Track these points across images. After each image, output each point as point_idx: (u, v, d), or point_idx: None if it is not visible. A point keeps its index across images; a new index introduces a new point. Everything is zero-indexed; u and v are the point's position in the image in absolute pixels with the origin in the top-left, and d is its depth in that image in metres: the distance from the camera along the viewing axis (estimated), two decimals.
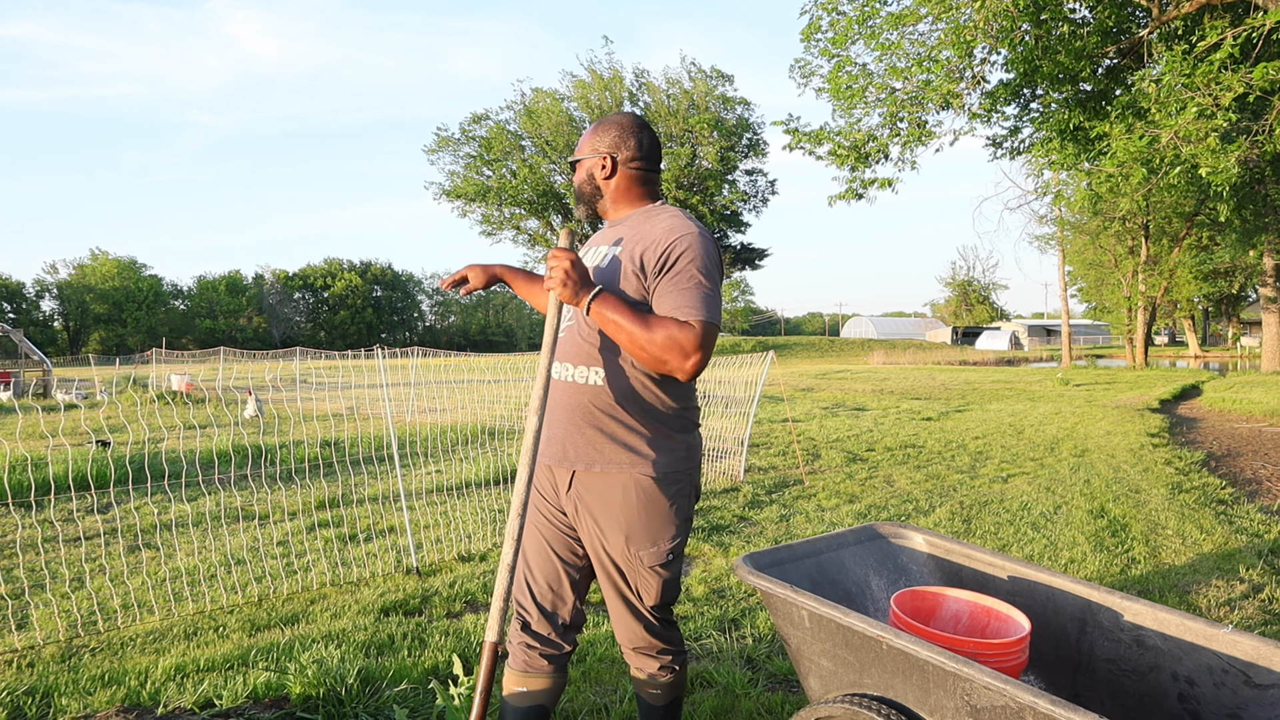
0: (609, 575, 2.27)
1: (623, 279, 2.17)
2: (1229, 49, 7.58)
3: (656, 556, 2.22)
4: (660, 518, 2.21)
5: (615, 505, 2.19)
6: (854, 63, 10.69)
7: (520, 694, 2.33)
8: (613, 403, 2.19)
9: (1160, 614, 2.14)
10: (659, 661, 2.36)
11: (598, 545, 2.25)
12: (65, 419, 13.05)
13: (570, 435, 2.23)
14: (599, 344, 2.20)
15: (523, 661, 2.32)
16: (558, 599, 2.32)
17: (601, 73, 45.53)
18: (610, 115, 2.39)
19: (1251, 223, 23.90)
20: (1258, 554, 5.10)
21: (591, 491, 2.22)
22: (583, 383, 2.21)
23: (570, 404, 2.24)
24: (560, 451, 2.26)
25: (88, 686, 3.28)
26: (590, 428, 2.20)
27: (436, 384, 12.65)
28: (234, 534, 5.82)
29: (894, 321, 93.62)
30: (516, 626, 2.36)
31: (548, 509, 2.34)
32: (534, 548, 2.34)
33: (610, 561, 2.24)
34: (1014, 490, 7.26)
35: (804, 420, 13.13)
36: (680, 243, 2.11)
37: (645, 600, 2.28)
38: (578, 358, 2.23)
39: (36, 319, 73.01)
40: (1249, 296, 52.88)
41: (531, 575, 2.34)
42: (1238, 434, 11.56)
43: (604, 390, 2.19)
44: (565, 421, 2.25)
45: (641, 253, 2.15)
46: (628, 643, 2.37)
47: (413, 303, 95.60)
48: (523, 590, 2.34)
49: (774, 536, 5.72)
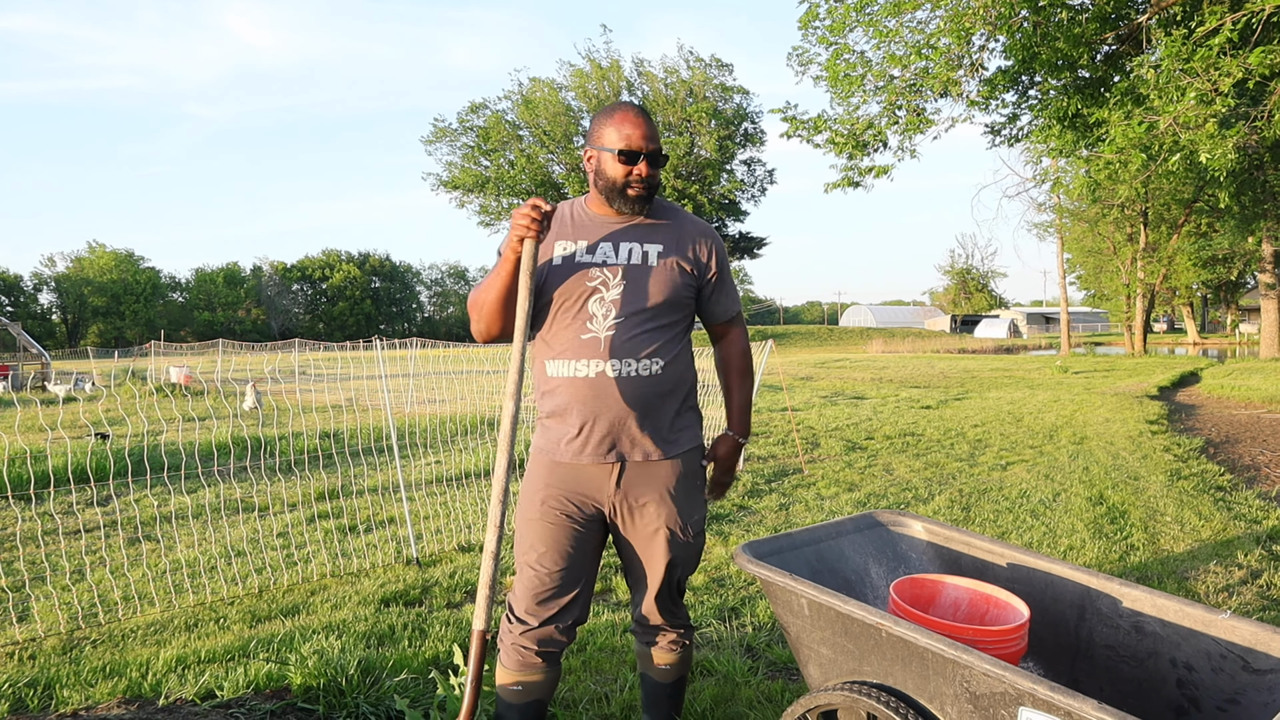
0: (658, 551, 2.34)
1: (671, 276, 2.29)
2: (1228, 34, 7.55)
3: (699, 523, 2.42)
4: (700, 486, 2.43)
5: (669, 483, 2.32)
6: (852, 50, 10.64)
7: (515, 690, 2.33)
8: (670, 389, 2.31)
9: (1159, 600, 2.15)
10: (673, 634, 2.48)
11: (653, 525, 2.31)
12: (64, 412, 13.05)
13: (629, 430, 2.26)
14: (662, 335, 2.28)
15: (517, 661, 2.32)
16: (575, 599, 2.32)
17: (600, 62, 45.39)
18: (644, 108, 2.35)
19: (1250, 209, 23.86)
20: (1256, 540, 5.11)
21: (648, 477, 2.30)
22: (645, 375, 2.25)
23: (633, 396, 2.24)
24: (617, 447, 2.26)
25: (89, 678, 3.28)
26: (652, 416, 2.28)
27: (435, 375, 12.64)
28: (234, 526, 5.83)
29: (893, 310, 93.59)
30: (516, 628, 2.31)
31: (568, 506, 2.29)
32: (553, 549, 2.28)
33: (663, 537, 2.32)
34: (1013, 478, 7.27)
35: (803, 409, 13.14)
36: (720, 246, 2.40)
37: (685, 569, 2.43)
38: (639, 351, 2.24)
39: (34, 312, 72.86)
40: (1247, 283, 52.82)
41: (547, 577, 2.28)
42: (1236, 421, 11.57)
43: (662, 379, 2.29)
44: (625, 415, 2.25)
45: (692, 252, 2.34)
46: (650, 617, 2.43)
47: (411, 294, 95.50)
48: (533, 592, 2.28)
49: (773, 525, 5.73)
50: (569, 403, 2.25)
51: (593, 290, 2.25)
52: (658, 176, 2.27)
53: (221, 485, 6.96)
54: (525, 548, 2.31)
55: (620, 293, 2.24)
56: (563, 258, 2.28)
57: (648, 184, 2.24)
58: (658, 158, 2.23)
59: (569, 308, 2.26)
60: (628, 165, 2.21)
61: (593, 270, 2.26)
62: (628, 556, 2.40)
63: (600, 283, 2.25)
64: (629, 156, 2.20)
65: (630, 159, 2.21)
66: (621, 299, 2.24)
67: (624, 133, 2.20)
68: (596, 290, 2.25)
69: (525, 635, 2.29)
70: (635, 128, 2.21)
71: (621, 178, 2.23)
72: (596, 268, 2.26)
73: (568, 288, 2.26)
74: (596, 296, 2.24)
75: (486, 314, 2.28)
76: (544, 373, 2.32)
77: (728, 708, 2.98)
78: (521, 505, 2.36)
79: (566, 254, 2.28)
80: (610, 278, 2.25)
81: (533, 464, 2.37)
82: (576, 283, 2.25)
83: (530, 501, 2.32)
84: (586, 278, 2.25)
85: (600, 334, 2.23)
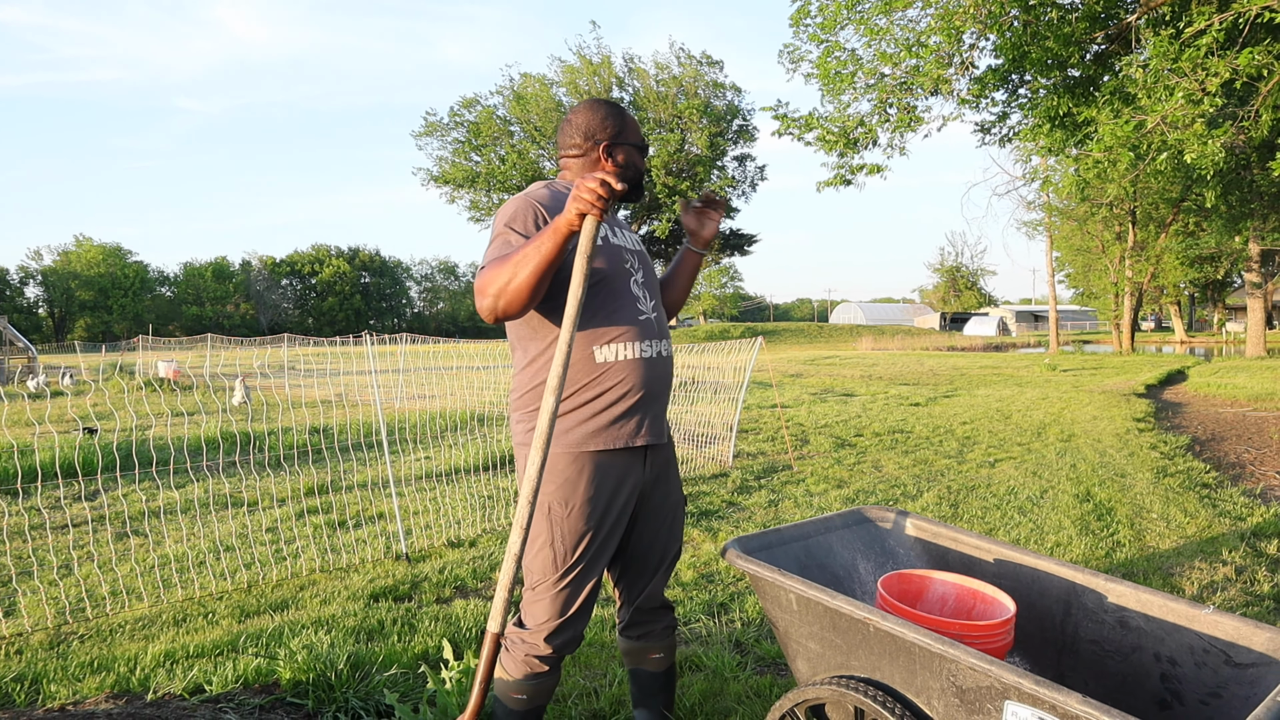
0: (673, 530, 2.42)
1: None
2: (1215, 34, 7.59)
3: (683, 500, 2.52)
4: None
5: (674, 461, 2.45)
6: (843, 48, 10.66)
7: (520, 699, 2.27)
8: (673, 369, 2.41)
9: (1143, 595, 2.17)
10: (665, 620, 2.52)
11: (667, 504, 2.39)
12: (52, 406, 12.97)
13: (664, 409, 2.34)
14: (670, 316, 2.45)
15: (525, 670, 2.24)
16: (590, 608, 2.26)
17: (591, 58, 45.32)
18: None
19: (1237, 208, 24.01)
20: (1240, 537, 5.16)
21: (666, 456, 2.40)
22: (668, 356, 2.33)
23: (666, 378, 2.31)
24: (664, 426, 2.34)
25: (77, 673, 3.27)
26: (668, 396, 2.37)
27: (425, 370, 12.62)
28: (223, 521, 5.81)
29: (882, 307, 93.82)
30: (531, 639, 2.21)
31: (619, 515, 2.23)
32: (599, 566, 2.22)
33: (673, 515, 2.42)
34: (1001, 475, 7.31)
35: (792, 406, 13.17)
36: None
37: (680, 545, 2.51)
38: (663, 333, 2.32)
39: (21, 306, 72.42)
40: (1234, 282, 53.15)
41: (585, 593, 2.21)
42: (1222, 419, 11.66)
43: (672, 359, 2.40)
44: (663, 396, 2.31)
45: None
46: (649, 602, 2.46)
47: (401, 289, 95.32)
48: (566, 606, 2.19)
49: (762, 521, 5.75)
50: (634, 385, 2.18)
51: (629, 273, 2.27)
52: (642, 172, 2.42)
53: (210, 480, 6.94)
54: (570, 564, 2.17)
55: (643, 275, 2.33)
56: (602, 238, 2.23)
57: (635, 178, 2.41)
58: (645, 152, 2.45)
59: (617, 291, 2.20)
60: (645, 158, 2.42)
61: (624, 253, 2.28)
62: (644, 541, 2.36)
63: (630, 265, 2.29)
64: (645, 150, 2.42)
65: (646, 151, 2.42)
66: (646, 282, 2.32)
67: (632, 127, 2.39)
68: (630, 273, 2.27)
69: (541, 645, 2.21)
70: (632, 123, 2.41)
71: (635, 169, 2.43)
72: (626, 251, 2.29)
73: (613, 271, 2.21)
74: (633, 279, 2.27)
75: (515, 288, 1.99)
76: (590, 359, 2.15)
77: (716, 702, 2.99)
78: (573, 519, 2.16)
79: (603, 235, 2.24)
80: (634, 260, 2.31)
81: (573, 470, 2.16)
82: (617, 264, 2.23)
83: (584, 516, 2.16)
84: (622, 259, 2.25)
85: (650, 315, 2.28)
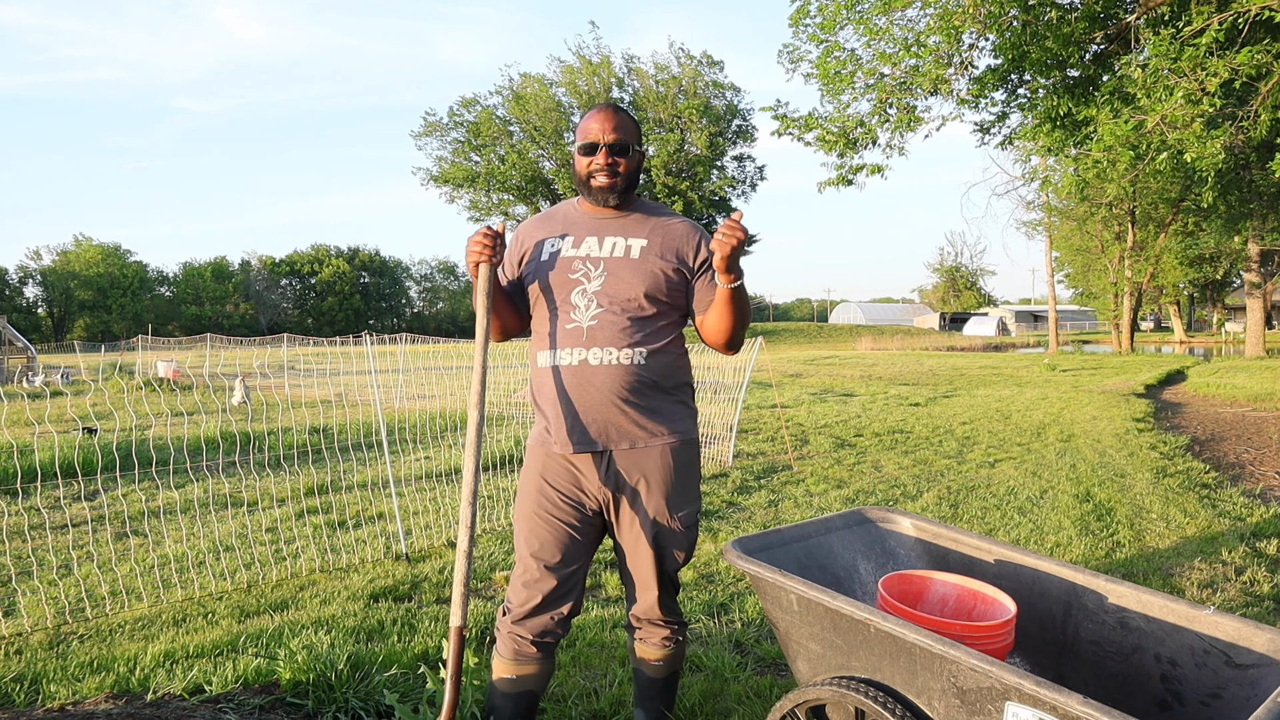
0: (646, 542, 2.37)
1: (654, 267, 2.33)
2: (1215, 34, 7.59)
3: (690, 516, 2.43)
4: (692, 478, 2.44)
5: (657, 473, 2.34)
6: (842, 48, 10.66)
7: (510, 680, 2.38)
8: (653, 379, 2.33)
9: (1144, 596, 2.17)
10: (666, 630, 2.50)
11: (640, 515, 2.35)
12: (51, 406, 12.96)
13: (613, 417, 2.30)
14: (645, 325, 2.32)
15: (513, 650, 2.36)
16: (568, 590, 2.36)
17: (590, 58, 45.30)
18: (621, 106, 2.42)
19: (1237, 208, 24.00)
20: (1240, 537, 5.16)
21: (634, 466, 2.33)
22: (627, 363, 2.29)
23: (612, 386, 2.28)
24: (601, 435, 2.30)
25: (76, 673, 3.27)
26: (633, 406, 2.31)
27: (425, 370, 12.61)
28: (222, 521, 5.81)
29: (882, 307, 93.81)
30: (511, 617, 2.37)
31: (564, 500, 2.35)
32: (551, 541, 2.33)
33: (651, 528, 2.36)
34: (1001, 475, 7.31)
35: (792, 406, 13.17)
36: (708, 239, 2.39)
37: (676, 560, 2.44)
38: (621, 340, 2.29)
39: (20, 306, 72.36)
40: (1234, 282, 53.17)
41: (546, 568, 2.33)
42: (1222, 419, 11.66)
43: (646, 367, 2.32)
44: (606, 404, 2.29)
45: (678, 248, 2.37)
46: (643, 612, 2.46)
47: (400, 289, 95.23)
48: (532, 583, 2.33)
49: (762, 522, 5.75)
50: (553, 391, 2.32)
51: (575, 282, 2.33)
52: (626, 166, 2.34)
53: (210, 480, 6.93)
54: (522, 539, 2.37)
55: (602, 284, 2.32)
56: (549, 253, 2.38)
57: (610, 172, 2.32)
58: (622, 148, 2.32)
59: (554, 300, 2.34)
60: (588, 157, 2.33)
61: (575, 263, 2.35)
62: (621, 551, 2.44)
63: (582, 275, 2.33)
64: (588, 149, 2.33)
65: (589, 150, 2.33)
66: (603, 289, 2.31)
67: (586, 128, 2.34)
68: (579, 282, 2.33)
69: (520, 624, 2.35)
70: (596, 122, 2.33)
71: (584, 170, 2.35)
72: (579, 260, 2.35)
73: (553, 281, 2.35)
74: (579, 289, 2.32)
75: (478, 322, 2.35)
76: (535, 364, 2.40)
77: (716, 703, 2.99)
78: (519, 498, 2.41)
79: (552, 250, 2.38)
80: (592, 269, 2.33)
81: (529, 457, 2.43)
82: (560, 276, 2.34)
83: (526, 494, 2.39)
84: (569, 270, 2.34)
85: (583, 323, 2.30)
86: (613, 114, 2.33)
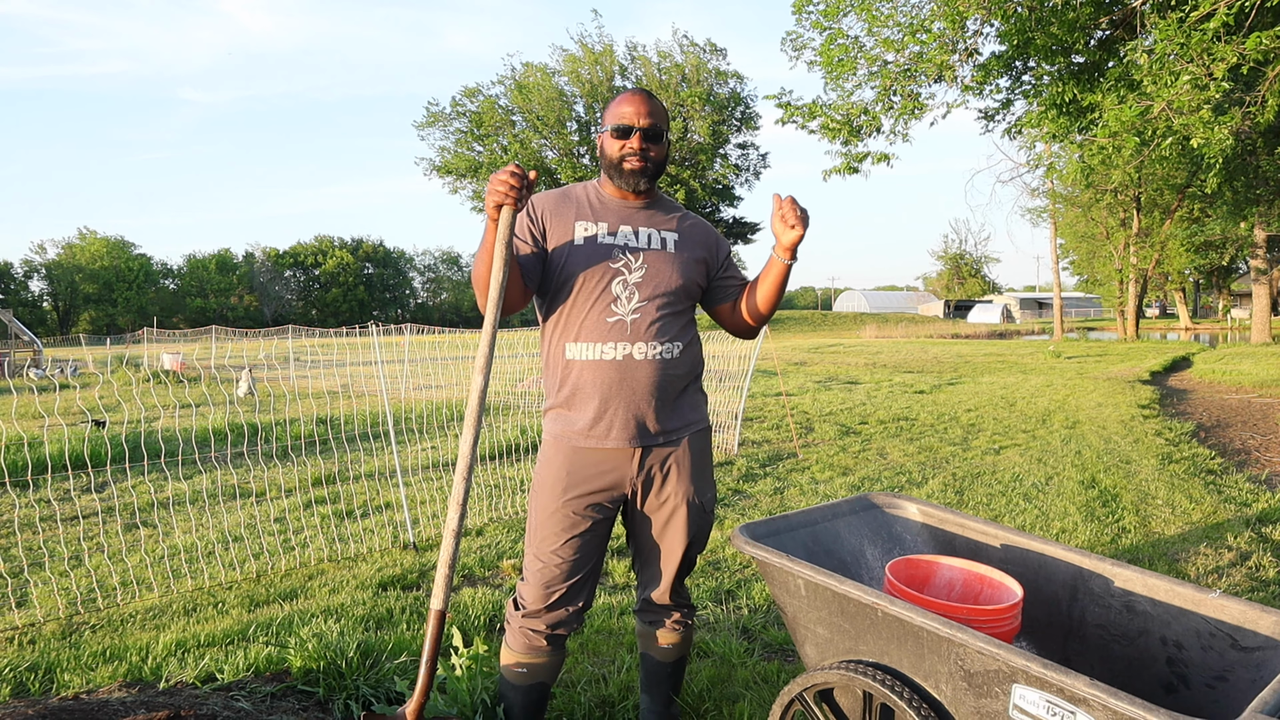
0: (675, 530, 2.39)
1: (689, 263, 2.38)
2: (1222, 18, 7.55)
3: (712, 500, 2.49)
4: (711, 464, 2.49)
5: (686, 461, 2.38)
6: (846, 35, 10.62)
7: (521, 672, 2.38)
8: (686, 371, 2.38)
9: (1149, 580, 2.18)
10: (678, 613, 2.53)
11: (673, 502, 2.36)
12: (60, 398, 13.02)
13: (653, 410, 2.30)
14: (679, 319, 2.36)
15: (525, 644, 2.36)
16: (584, 586, 2.36)
17: (593, 47, 45.14)
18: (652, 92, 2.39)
19: (1242, 194, 23.87)
20: (1245, 523, 5.16)
21: (669, 455, 2.36)
22: (668, 358, 2.31)
23: (655, 379, 2.28)
24: (642, 427, 2.29)
25: (89, 662, 3.30)
26: (673, 398, 2.35)
27: (430, 360, 12.63)
28: (230, 511, 5.84)
29: (886, 295, 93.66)
30: (523, 612, 2.35)
31: (590, 496, 2.30)
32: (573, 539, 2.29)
33: (682, 515, 2.38)
34: (1006, 462, 7.32)
35: (797, 394, 13.17)
36: (724, 243, 2.54)
37: (697, 545, 2.47)
38: (662, 335, 2.29)
39: (26, 299, 72.53)
40: (1239, 269, 52.90)
41: (564, 566, 2.30)
42: (1227, 405, 11.64)
43: (681, 361, 2.35)
44: (648, 398, 2.28)
45: (708, 245, 2.45)
46: (659, 596, 2.47)
47: (405, 280, 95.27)
48: (550, 581, 2.30)
49: (768, 509, 5.76)
50: (593, 385, 2.27)
51: (616, 273, 2.28)
52: (657, 153, 2.31)
53: (218, 471, 6.97)
54: (542, 537, 2.32)
55: (642, 276, 2.29)
56: (585, 238, 2.30)
57: (642, 157, 2.29)
58: (656, 134, 2.28)
59: (593, 289, 2.27)
60: (621, 140, 2.28)
61: (616, 252, 2.30)
62: (644, 537, 2.43)
63: (623, 265, 2.29)
64: (622, 131, 2.27)
65: (623, 134, 2.27)
66: (644, 282, 2.29)
67: (620, 111, 2.29)
68: (619, 273, 2.28)
69: (533, 619, 2.33)
70: (630, 105, 2.28)
71: (616, 153, 2.30)
72: (619, 250, 2.30)
73: (592, 269, 2.28)
74: (620, 279, 2.28)
75: (477, 281, 2.25)
76: (562, 355, 2.32)
77: (724, 688, 3.01)
78: (541, 495, 2.34)
79: (589, 234, 2.31)
80: (633, 261, 2.30)
81: (552, 451, 2.35)
82: (600, 264, 2.28)
83: (551, 492, 2.31)
84: (610, 258, 2.29)
85: (625, 317, 2.27)
86: (646, 99, 2.29)
